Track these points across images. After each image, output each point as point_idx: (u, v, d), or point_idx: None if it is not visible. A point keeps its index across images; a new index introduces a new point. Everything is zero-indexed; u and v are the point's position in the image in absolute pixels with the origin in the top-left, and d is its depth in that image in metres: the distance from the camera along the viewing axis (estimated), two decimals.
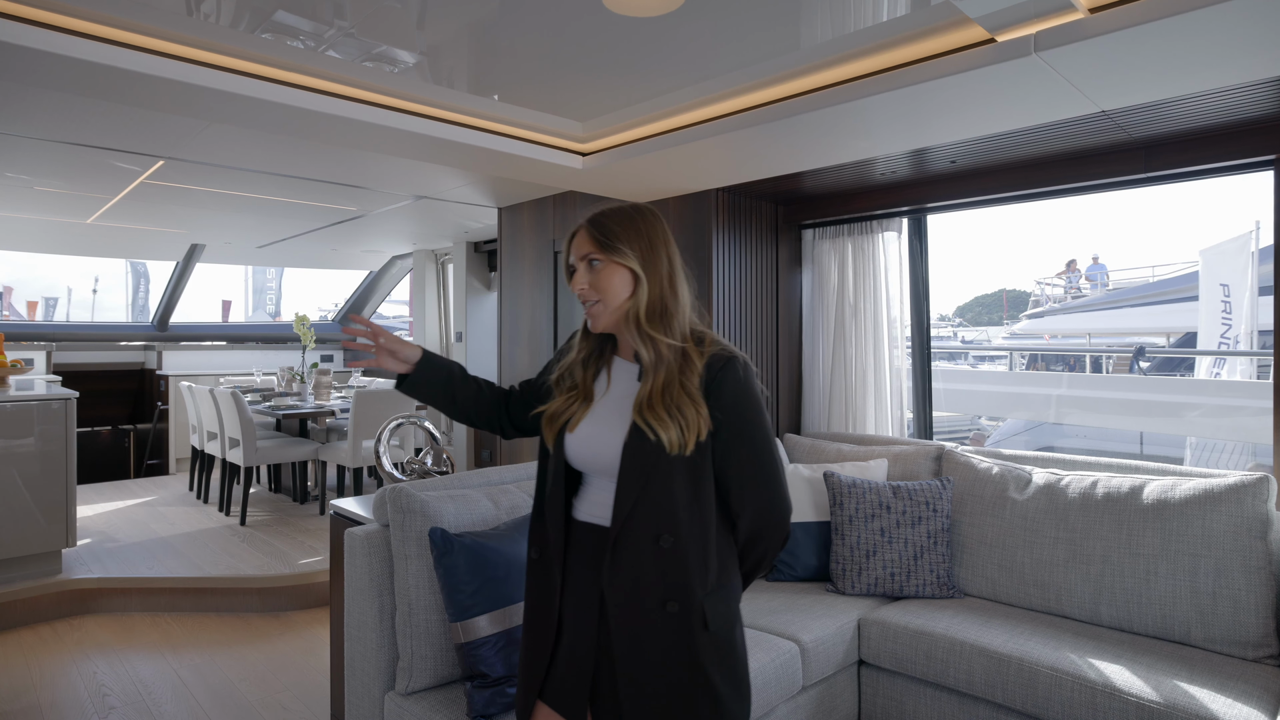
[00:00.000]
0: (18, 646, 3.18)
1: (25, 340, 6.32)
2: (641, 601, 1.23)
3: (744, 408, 1.25)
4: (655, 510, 1.22)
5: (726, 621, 1.26)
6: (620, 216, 1.30)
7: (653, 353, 1.24)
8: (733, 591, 1.29)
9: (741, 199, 3.41)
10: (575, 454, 1.33)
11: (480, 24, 2.03)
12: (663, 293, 1.27)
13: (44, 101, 2.59)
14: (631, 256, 1.26)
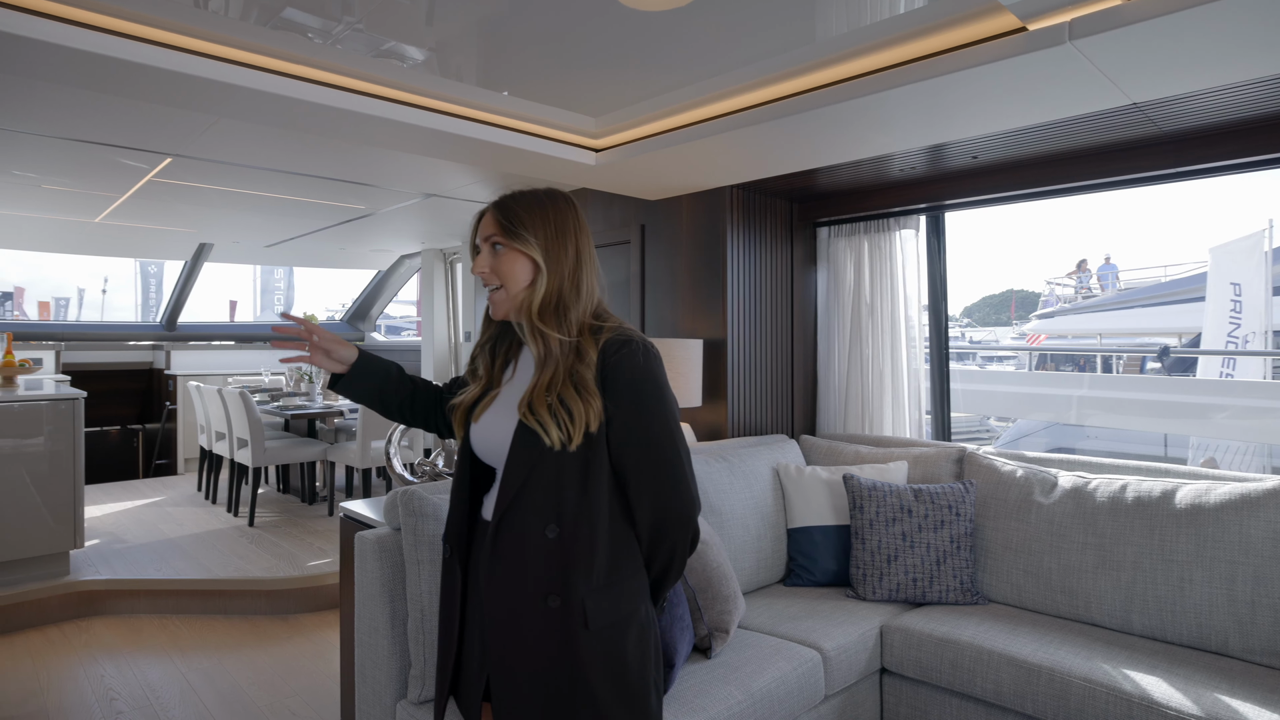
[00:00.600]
0: (26, 649, 3.15)
1: (35, 340, 6.31)
2: (520, 595, 1.18)
3: (639, 393, 1.19)
4: (541, 500, 1.17)
5: (614, 622, 1.18)
6: (529, 202, 1.25)
7: (542, 348, 1.20)
8: (626, 592, 1.21)
9: (756, 196, 3.35)
10: (477, 444, 1.29)
11: (490, 19, 1.98)
12: (562, 285, 1.23)
13: (51, 97, 2.55)
14: (534, 245, 1.22)
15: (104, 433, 6.75)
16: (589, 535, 1.17)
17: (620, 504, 1.22)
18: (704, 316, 3.30)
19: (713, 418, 3.27)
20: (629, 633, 1.20)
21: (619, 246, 3.73)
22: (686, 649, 1.85)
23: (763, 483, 2.72)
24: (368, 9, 1.93)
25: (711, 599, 2.04)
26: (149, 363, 7.12)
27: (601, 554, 1.18)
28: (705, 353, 3.25)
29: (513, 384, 1.30)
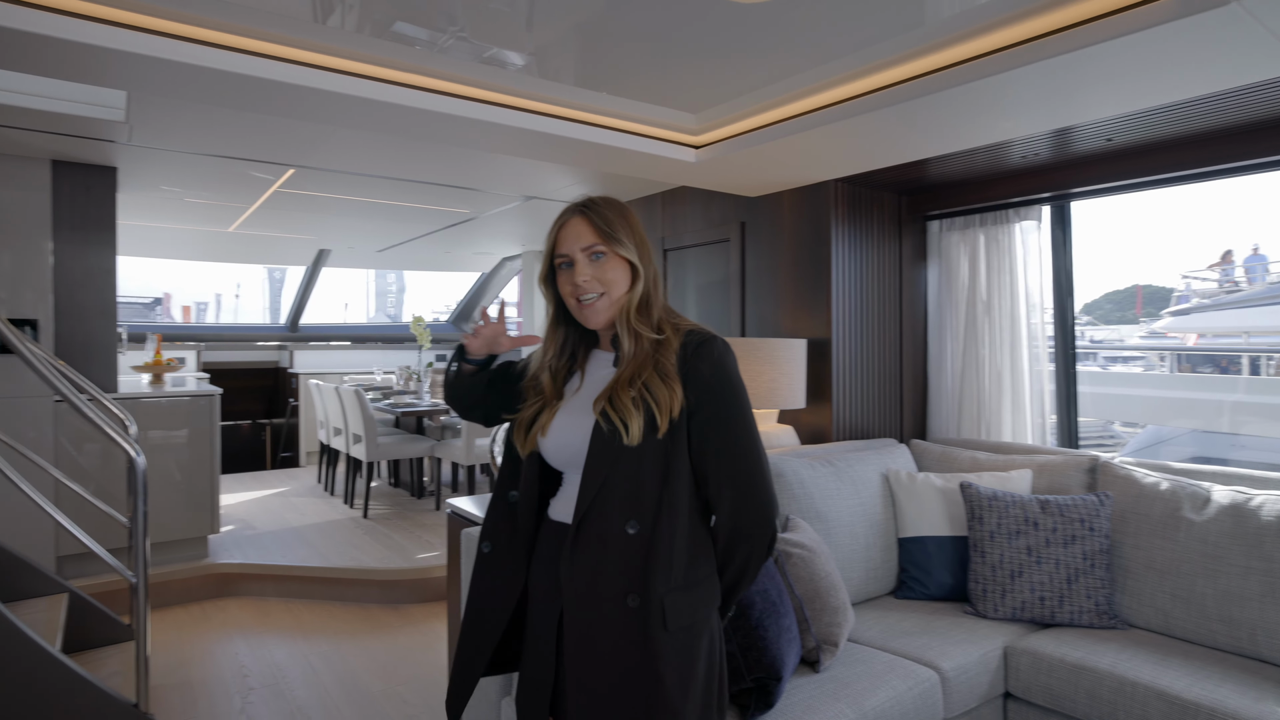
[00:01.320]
0: (174, 624, 3.44)
1: (178, 341, 6.91)
2: (600, 594, 1.16)
3: (721, 388, 1.19)
4: (623, 495, 1.17)
5: (689, 625, 1.17)
6: (614, 208, 1.28)
7: (634, 345, 1.21)
8: (702, 596, 1.20)
9: (862, 190, 3.22)
10: (551, 454, 1.29)
11: (589, 20, 1.98)
12: (649, 286, 1.26)
13: (192, 116, 2.76)
14: (632, 249, 1.25)
15: (236, 426, 7.30)
16: (669, 532, 1.16)
17: (698, 503, 1.21)
18: (807, 316, 3.20)
19: (817, 420, 3.16)
20: (702, 637, 1.19)
21: (717, 245, 3.68)
22: (794, 661, 1.79)
23: (871, 489, 2.60)
24: (471, 18, 1.96)
25: (820, 609, 1.96)
26: (275, 362, 7.65)
27: (680, 552, 1.18)
28: (809, 353, 3.14)
29: (581, 393, 1.29)
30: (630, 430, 1.15)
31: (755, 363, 2.87)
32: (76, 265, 3.61)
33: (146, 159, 3.47)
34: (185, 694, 2.76)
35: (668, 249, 3.98)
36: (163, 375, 4.53)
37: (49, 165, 3.49)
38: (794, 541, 2.04)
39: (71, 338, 3.60)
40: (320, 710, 2.63)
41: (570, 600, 1.19)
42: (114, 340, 3.73)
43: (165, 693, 2.76)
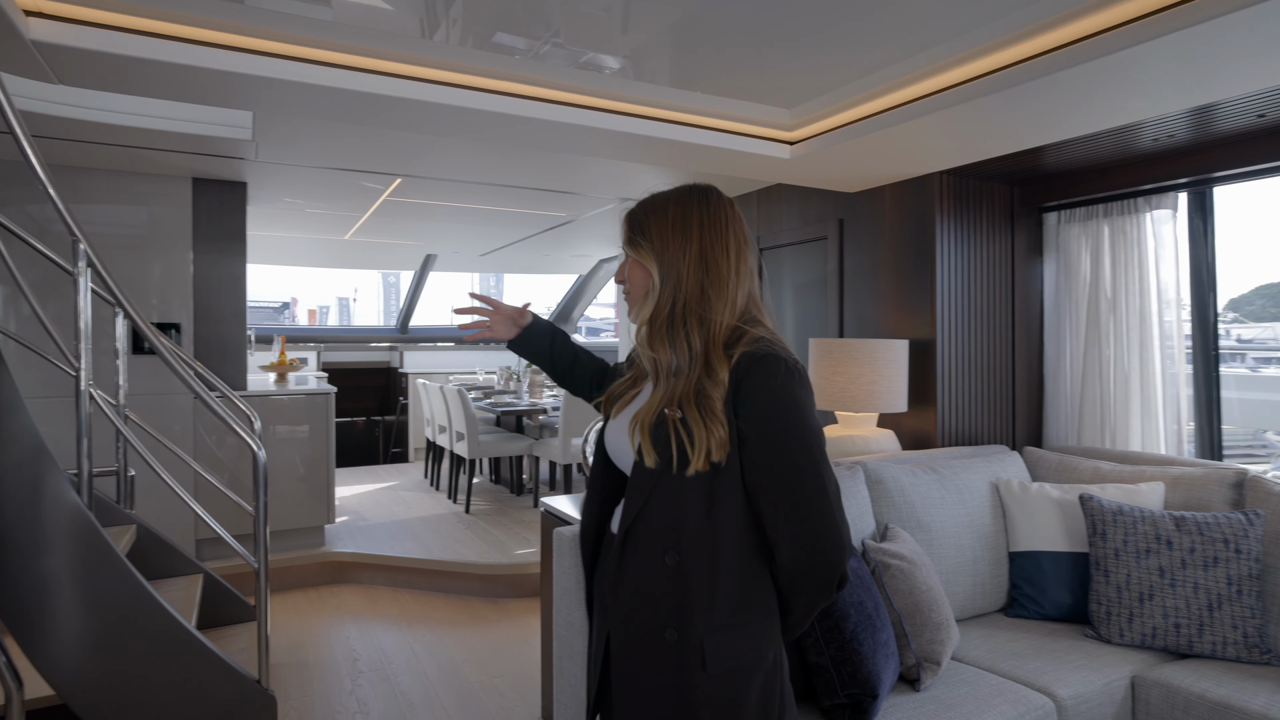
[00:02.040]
0: (293, 607, 3.68)
1: (301, 342, 7.42)
2: (642, 622, 1.08)
3: (775, 413, 1.03)
4: (661, 523, 1.07)
5: (736, 669, 1.05)
6: (655, 205, 1.15)
7: (651, 367, 1.10)
8: (752, 636, 1.07)
9: (970, 181, 3.04)
10: (610, 443, 1.22)
11: (681, 20, 1.96)
12: (677, 296, 1.10)
13: (307, 131, 2.94)
14: (647, 252, 1.12)
15: (352, 423, 7.76)
16: (710, 568, 1.05)
17: (754, 537, 1.08)
18: (909, 315, 3.05)
19: (920, 425, 3.01)
20: (752, 682, 1.07)
21: (815, 243, 3.57)
22: (891, 679, 1.70)
23: (979, 499, 2.45)
24: (567, 24, 1.98)
25: (920, 625, 1.86)
26: (387, 362, 8.08)
27: (725, 590, 1.06)
28: (911, 354, 3.00)
29: (639, 397, 1.21)
30: (647, 459, 1.06)
31: (853, 365, 2.77)
32: (212, 274, 3.94)
33: (272, 174, 3.74)
34: (302, 673, 2.94)
35: (763, 248, 3.91)
36: (286, 375, 4.86)
37: (190, 183, 3.83)
38: (893, 552, 1.95)
39: (208, 339, 3.92)
40: (422, 697, 2.75)
41: (615, 621, 1.14)
42: (243, 342, 4.04)
43: (284, 671, 2.96)
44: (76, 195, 3.61)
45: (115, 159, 3.46)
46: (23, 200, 3.38)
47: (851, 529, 2.10)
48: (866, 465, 2.36)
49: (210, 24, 1.86)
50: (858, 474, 2.29)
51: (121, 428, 2.45)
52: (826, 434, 2.89)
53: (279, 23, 1.90)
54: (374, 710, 2.65)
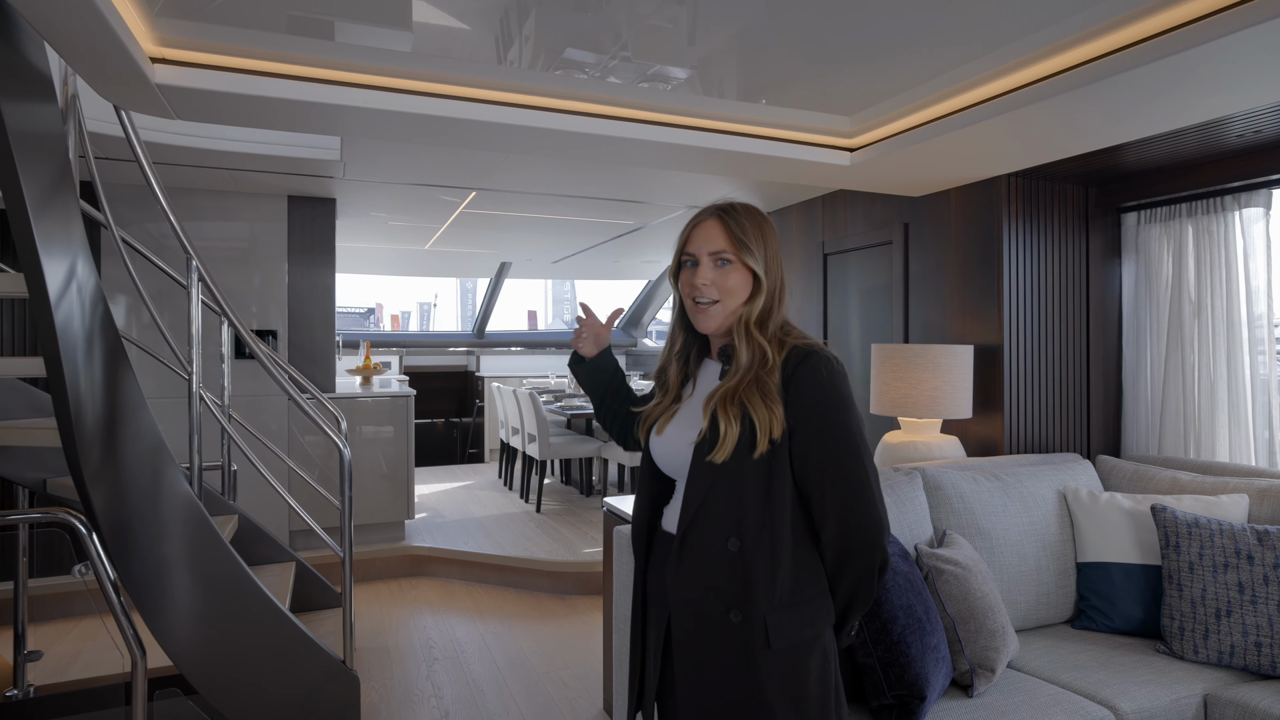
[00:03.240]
0: (375, 597, 3.92)
1: (384, 347, 7.82)
2: (706, 608, 1.17)
3: (823, 405, 1.15)
4: (724, 511, 1.16)
5: (797, 644, 1.15)
6: (751, 216, 1.26)
7: (748, 355, 1.20)
8: (809, 615, 1.17)
9: (1040, 183, 2.97)
10: (659, 456, 1.30)
11: (747, 30, 1.99)
12: (773, 299, 1.24)
13: (389, 150, 3.16)
14: (759, 260, 1.23)
15: (432, 424, 8.11)
16: (771, 550, 1.15)
17: (804, 522, 1.18)
18: (975, 320, 3.01)
19: (986, 431, 2.96)
20: (812, 657, 1.16)
21: (880, 248, 3.55)
22: (941, 683, 1.71)
23: (1045, 507, 2.40)
24: (634, 37, 2.04)
25: (974, 632, 1.86)
26: (464, 366, 8.41)
27: (784, 571, 1.16)
28: (976, 360, 2.95)
29: (693, 399, 1.30)
30: (725, 440, 1.15)
31: (915, 370, 2.75)
32: (305, 284, 4.24)
33: (358, 190, 4.01)
34: (382, 657, 3.15)
35: (828, 253, 3.91)
36: (371, 378, 5.17)
37: (285, 200, 4.14)
38: (947, 558, 1.95)
39: (300, 345, 4.23)
40: (492, 684, 2.89)
41: (677, 612, 1.21)
42: (332, 347, 4.33)
43: (366, 655, 3.17)
44: (188, 214, 3.97)
45: (221, 180, 3.78)
46: (144, 220, 3.74)
47: (908, 534, 2.12)
48: (925, 471, 2.35)
49: (305, 60, 2.05)
50: (915, 480, 2.29)
51: (226, 426, 2.70)
52: (889, 440, 2.89)
53: (365, 56, 2.08)
54: (447, 694, 2.82)
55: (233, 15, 1.80)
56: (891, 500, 2.17)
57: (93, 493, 1.95)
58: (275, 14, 1.81)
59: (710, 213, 1.27)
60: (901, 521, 2.14)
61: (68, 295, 1.83)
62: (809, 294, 4.06)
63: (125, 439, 2.06)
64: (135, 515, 2.09)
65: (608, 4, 1.83)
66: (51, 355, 1.78)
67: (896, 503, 2.18)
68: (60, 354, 1.78)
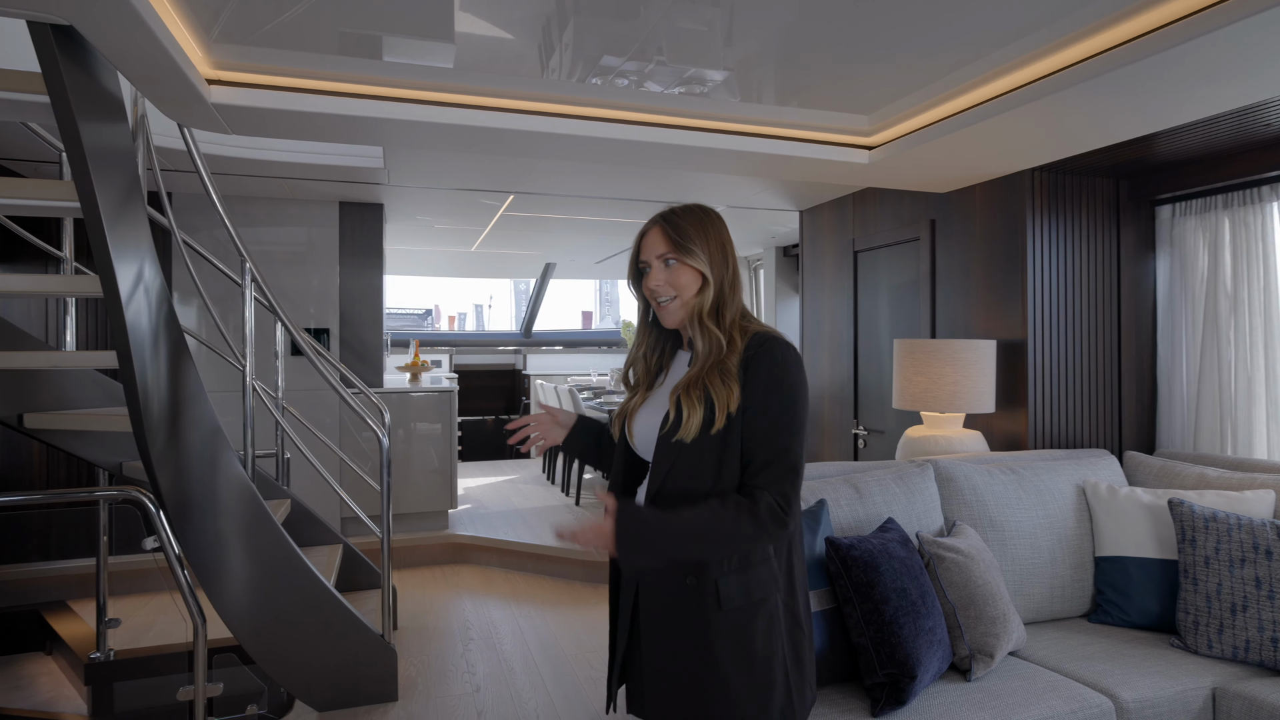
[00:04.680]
0: (418, 581, 4.13)
1: (436, 346, 8.11)
2: (664, 576, 1.28)
3: (773, 384, 1.26)
4: (683, 485, 1.26)
5: (743, 606, 1.25)
6: (692, 218, 1.35)
7: (706, 343, 1.31)
8: (756, 579, 1.27)
9: (1067, 177, 2.95)
10: (635, 442, 1.40)
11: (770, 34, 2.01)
12: (722, 291, 1.34)
13: (430, 157, 3.34)
14: (702, 259, 1.33)
15: (482, 420, 8.37)
16: None
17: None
18: (1000, 316, 3.01)
19: (1011, 427, 2.96)
20: (758, 618, 1.26)
21: (908, 245, 3.57)
22: (935, 665, 1.76)
23: (1062, 501, 2.41)
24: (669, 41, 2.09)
25: (974, 618, 1.90)
26: (512, 364, 8.65)
27: None
28: (1000, 355, 2.96)
29: (663, 387, 1.41)
30: (689, 424, 1.25)
31: (936, 364, 2.78)
32: (355, 284, 4.49)
33: (403, 195, 4.22)
34: (422, 636, 3.33)
35: (858, 250, 3.94)
36: (419, 374, 5.40)
37: (337, 206, 4.39)
38: (949, 546, 1.99)
39: (351, 343, 4.47)
40: (521, 663, 3.04)
41: (642, 582, 1.33)
42: (380, 345, 4.56)
43: (408, 634, 3.36)
44: (249, 220, 4.26)
45: (278, 189, 4.05)
46: (211, 227, 4.04)
47: (915, 523, 2.17)
48: (938, 463, 2.39)
49: (349, 77, 2.20)
50: (927, 471, 2.33)
51: (278, 417, 2.91)
52: (910, 435, 2.92)
53: (407, 72, 2.22)
54: (480, 670, 2.98)
55: (282, 38, 1.98)
56: (900, 490, 2.22)
57: (159, 473, 2.17)
58: (325, 33, 1.95)
59: (654, 221, 1.38)
60: (910, 511, 2.19)
61: (137, 295, 2.04)
62: (840, 291, 4.09)
63: (187, 425, 2.27)
64: (196, 494, 2.30)
65: (643, 10, 1.87)
66: (122, 349, 1.99)
67: (905, 492, 2.22)
68: (130, 348, 1.99)
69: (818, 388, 4.32)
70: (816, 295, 4.37)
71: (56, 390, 2.65)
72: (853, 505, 2.14)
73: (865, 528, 2.09)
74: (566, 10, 1.90)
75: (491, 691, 2.81)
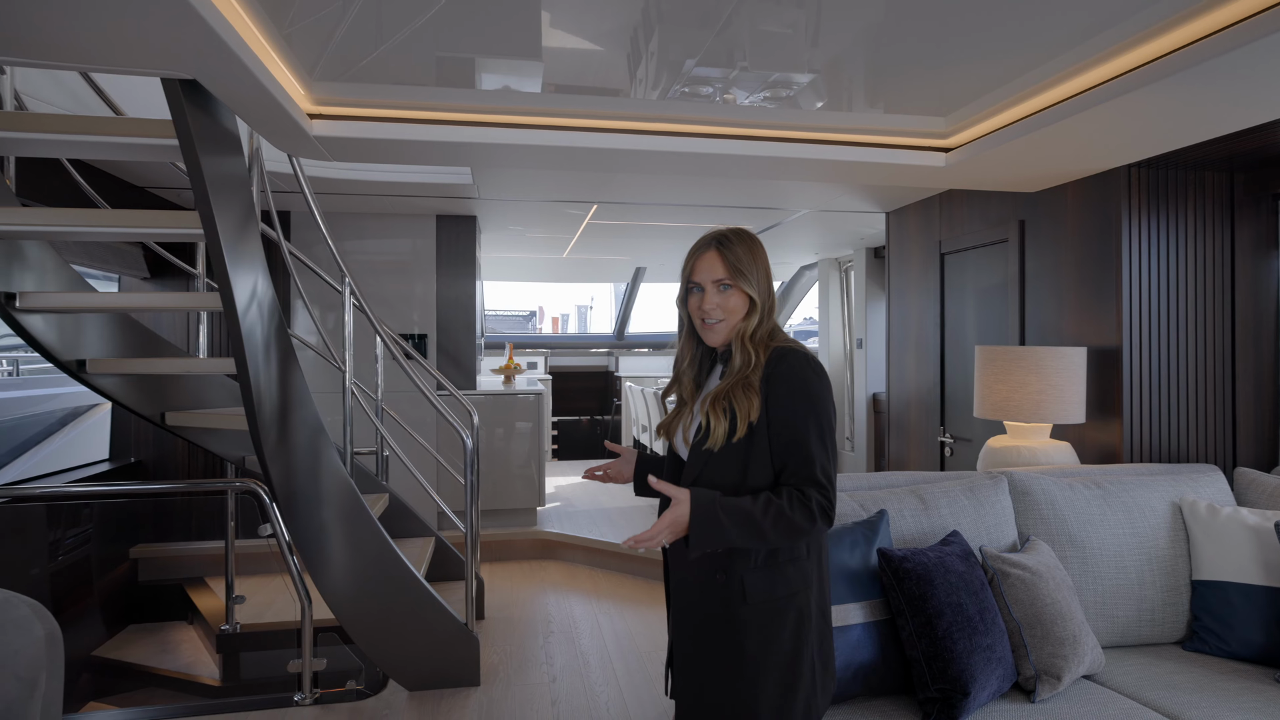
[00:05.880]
0: (507, 574, 4.34)
1: (532, 348, 8.43)
2: (699, 572, 1.38)
3: (792, 392, 1.33)
4: (712, 488, 1.34)
5: (770, 599, 1.33)
6: (745, 245, 1.44)
7: (741, 359, 1.39)
8: (783, 577, 1.34)
9: (1170, 172, 2.76)
10: (679, 448, 1.49)
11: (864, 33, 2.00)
12: (764, 314, 1.43)
13: (514, 173, 3.52)
14: (755, 285, 1.42)
15: (577, 421, 8.62)
16: None
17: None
18: (1092, 321, 2.85)
19: (1104, 439, 2.80)
20: (786, 614, 1.34)
21: (996, 246, 3.43)
22: (993, 683, 1.72)
23: (1155, 519, 2.26)
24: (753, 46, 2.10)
25: (1040, 638, 1.83)
26: (605, 366, 8.86)
27: None
28: (1092, 362, 2.80)
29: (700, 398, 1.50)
30: (714, 432, 1.34)
31: (1018, 373, 2.67)
32: (450, 292, 4.77)
33: (493, 207, 4.46)
34: (505, 627, 3.52)
35: (945, 252, 3.81)
36: (512, 377, 5.66)
37: (434, 219, 4.69)
38: (1015, 562, 1.93)
39: (446, 347, 4.76)
40: (597, 657, 3.16)
41: (678, 577, 1.43)
42: (474, 349, 4.82)
43: (492, 624, 3.56)
44: (357, 234, 4.62)
45: (380, 205, 4.37)
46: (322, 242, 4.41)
47: (982, 537, 2.12)
48: (1013, 475, 2.30)
49: (438, 106, 2.37)
50: (1001, 484, 2.26)
51: (373, 419, 3.16)
52: (992, 445, 2.83)
53: (494, 98, 2.36)
54: (557, 662, 3.12)
55: (374, 72, 2.17)
56: (969, 502, 2.17)
57: (271, 467, 2.42)
58: (417, 62, 2.08)
59: (709, 245, 1.45)
60: (979, 524, 2.13)
61: (251, 308, 2.30)
62: (926, 294, 3.97)
63: (295, 424, 2.52)
64: (302, 487, 2.55)
65: (727, 15, 1.88)
66: (239, 356, 2.25)
67: (975, 505, 2.16)
68: (246, 355, 2.25)
69: (902, 391, 4.21)
70: (903, 298, 4.26)
71: (191, 392, 3.00)
72: (916, 517, 2.11)
73: (928, 540, 2.06)
74: (651, 20, 1.96)
75: (567, 683, 2.94)
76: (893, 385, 4.37)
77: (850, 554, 1.86)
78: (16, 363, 5.27)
